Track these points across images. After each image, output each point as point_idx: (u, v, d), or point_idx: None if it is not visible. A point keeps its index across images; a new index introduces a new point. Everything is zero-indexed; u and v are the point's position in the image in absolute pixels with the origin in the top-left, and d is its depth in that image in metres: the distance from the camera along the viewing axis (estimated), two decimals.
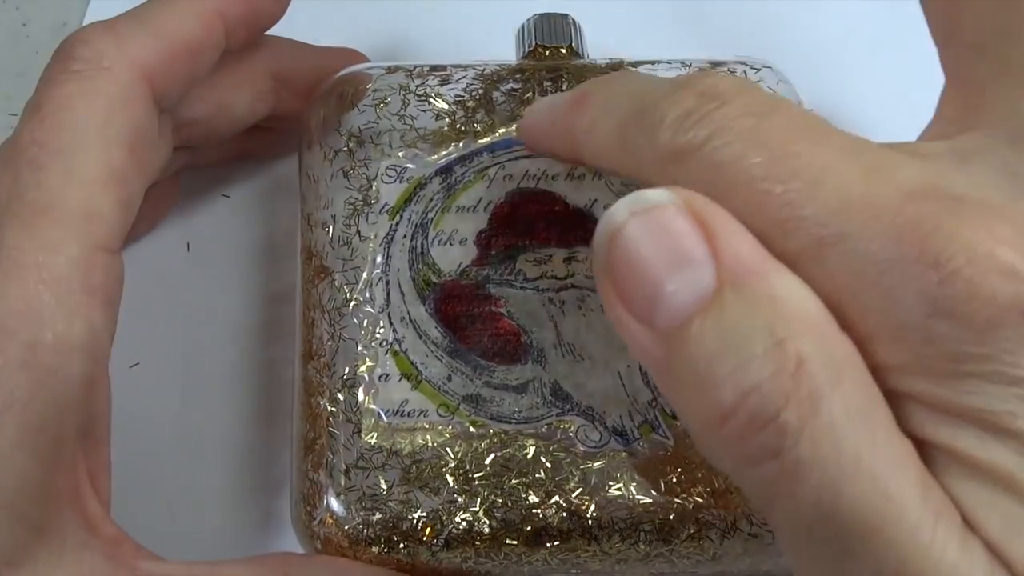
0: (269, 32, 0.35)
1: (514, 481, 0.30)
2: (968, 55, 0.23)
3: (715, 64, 0.36)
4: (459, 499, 0.30)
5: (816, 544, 0.20)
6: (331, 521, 0.30)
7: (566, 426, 0.31)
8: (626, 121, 0.25)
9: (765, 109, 0.23)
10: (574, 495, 0.30)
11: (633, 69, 0.28)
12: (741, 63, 0.36)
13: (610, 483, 0.30)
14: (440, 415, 0.31)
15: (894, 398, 0.21)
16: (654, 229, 0.21)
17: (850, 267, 0.21)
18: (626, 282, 0.22)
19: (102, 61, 0.29)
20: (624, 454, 0.30)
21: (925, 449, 0.21)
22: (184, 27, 0.31)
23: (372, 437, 0.31)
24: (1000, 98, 0.22)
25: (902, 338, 0.20)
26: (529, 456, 0.30)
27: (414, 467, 0.30)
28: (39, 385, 0.27)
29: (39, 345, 0.27)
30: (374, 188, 0.34)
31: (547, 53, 0.36)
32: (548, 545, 0.30)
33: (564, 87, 0.35)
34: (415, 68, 0.35)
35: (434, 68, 0.36)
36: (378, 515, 0.30)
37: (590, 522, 0.30)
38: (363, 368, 0.31)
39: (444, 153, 0.34)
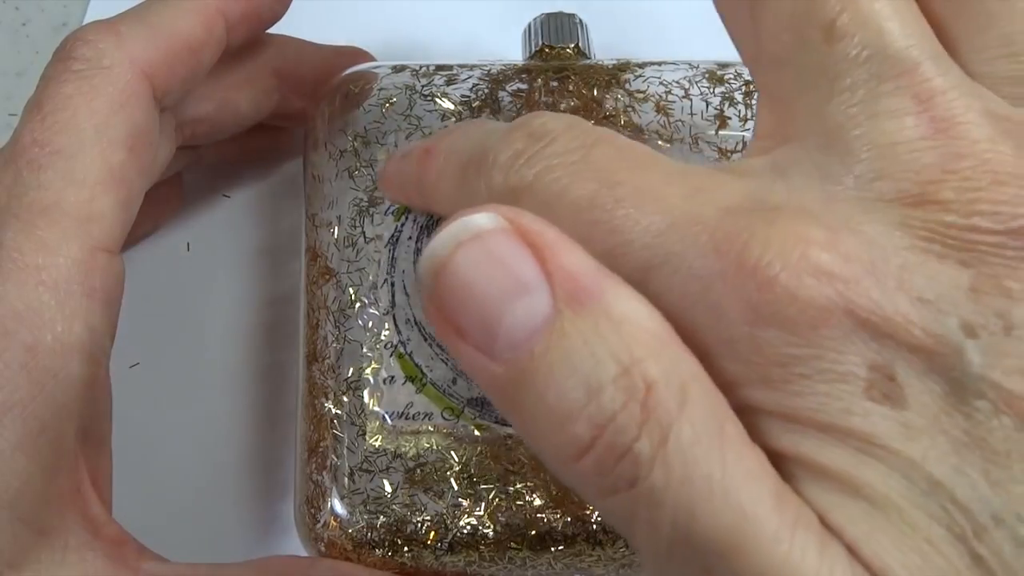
0: (274, 31, 0.35)
1: (519, 485, 0.30)
2: (773, 71, 0.23)
3: (722, 65, 0.35)
4: (463, 503, 0.30)
5: (678, 566, 0.20)
6: (335, 524, 0.30)
7: None
8: (465, 167, 0.26)
9: (590, 141, 0.23)
10: (579, 499, 0.30)
11: (476, 119, 0.29)
12: None
13: None
14: (445, 418, 0.31)
15: (743, 412, 0.21)
16: (483, 257, 0.20)
17: (677, 286, 0.21)
18: (460, 315, 0.21)
19: (102, 60, 0.29)
20: None
21: (778, 460, 0.20)
22: (185, 25, 0.31)
23: (376, 440, 0.30)
24: (806, 107, 0.22)
25: (734, 351, 0.20)
26: (534, 460, 0.30)
27: (418, 470, 0.30)
28: (39, 387, 0.27)
29: (39, 347, 0.27)
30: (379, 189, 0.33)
31: (553, 53, 0.36)
32: (552, 549, 0.30)
33: (571, 88, 0.35)
34: (421, 68, 0.35)
35: (440, 68, 0.35)
36: (382, 518, 0.30)
37: (595, 527, 0.30)
38: (368, 370, 0.31)
39: None
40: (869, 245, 0.20)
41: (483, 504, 0.30)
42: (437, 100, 0.34)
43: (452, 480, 0.30)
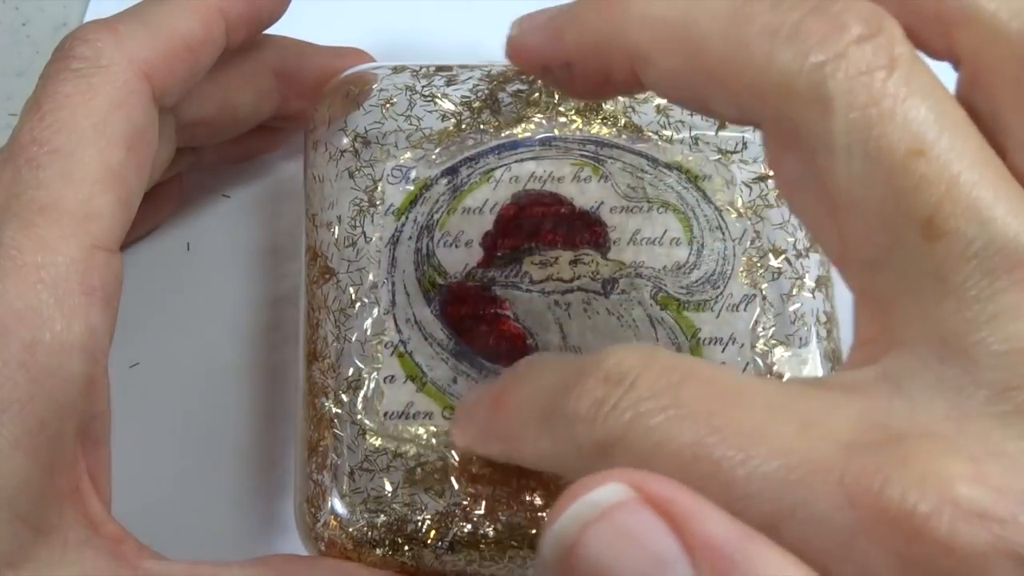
0: (274, 31, 0.35)
1: (519, 484, 0.30)
2: (868, 273, 0.22)
3: None
4: (464, 502, 0.30)
5: None
6: (335, 523, 0.30)
7: None
8: (543, 420, 0.23)
9: (676, 380, 0.21)
10: None
11: (540, 355, 0.27)
12: None
13: None
14: (446, 417, 0.31)
15: None
16: (615, 536, 0.18)
17: (814, 540, 0.19)
18: None
19: (101, 59, 0.29)
20: None
21: None
22: (184, 25, 0.31)
23: (377, 439, 0.30)
24: (913, 311, 0.21)
25: None
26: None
27: (419, 470, 0.30)
28: (38, 385, 0.26)
29: (38, 345, 0.27)
30: (379, 189, 0.33)
31: None
32: None
33: None
34: (421, 68, 0.35)
35: (440, 68, 0.35)
36: (382, 518, 0.30)
37: None
38: (368, 370, 0.31)
39: (450, 154, 0.34)
40: (1017, 470, 0.19)
41: (484, 503, 0.30)
42: (437, 101, 0.34)
43: (453, 479, 0.30)
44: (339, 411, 0.31)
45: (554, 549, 0.19)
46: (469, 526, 0.29)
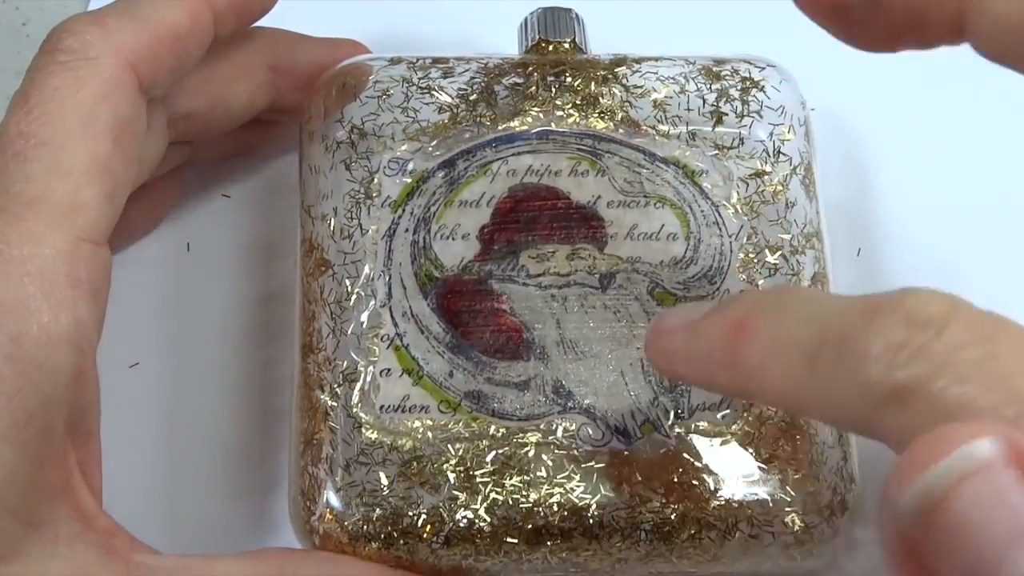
0: (267, 22, 0.35)
1: (515, 479, 0.30)
2: None
3: (719, 62, 0.36)
4: (460, 496, 0.29)
5: None
6: (330, 517, 0.30)
7: (568, 424, 0.31)
8: (815, 355, 0.22)
9: (988, 332, 0.20)
10: (575, 494, 0.30)
11: (793, 288, 0.25)
12: (745, 61, 0.36)
13: (611, 482, 0.30)
14: (441, 411, 0.31)
15: None
16: (990, 494, 0.17)
17: None
18: (948, 558, 0.18)
19: (88, 51, 0.29)
20: (626, 453, 0.30)
21: None
22: (171, 15, 0.31)
23: (372, 432, 0.30)
24: None
25: None
26: (530, 454, 0.30)
27: (415, 463, 0.30)
28: (25, 378, 0.26)
29: (24, 337, 0.27)
30: (376, 181, 0.33)
31: (550, 47, 0.36)
32: (548, 544, 0.30)
33: (567, 81, 0.35)
34: (417, 60, 0.35)
35: (436, 60, 0.35)
36: (378, 511, 0.29)
37: (591, 521, 0.30)
38: (364, 363, 0.31)
39: (446, 147, 0.34)
40: None
41: (479, 497, 0.29)
42: (433, 93, 0.34)
43: (448, 473, 0.30)
44: (334, 404, 0.31)
45: (922, 499, 0.18)
46: (464, 520, 0.29)
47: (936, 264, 0.37)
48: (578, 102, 0.34)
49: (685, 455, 0.30)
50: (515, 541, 0.29)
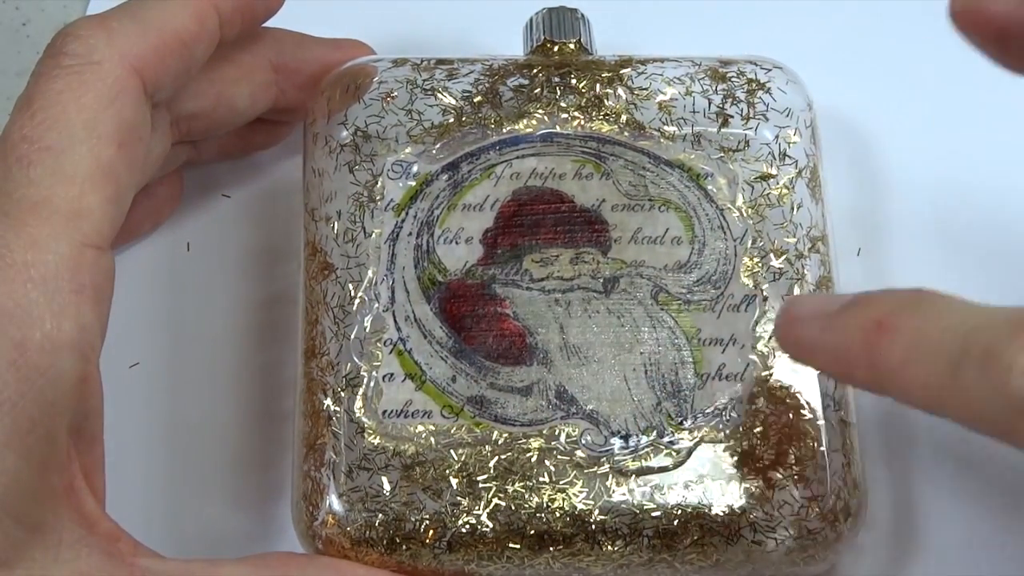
0: (272, 23, 0.34)
1: (518, 484, 0.30)
2: None
3: (725, 63, 0.35)
4: (462, 501, 0.29)
5: None
6: (333, 522, 0.30)
7: (571, 429, 0.31)
8: (958, 362, 0.23)
9: None
10: (578, 499, 0.30)
11: (935, 292, 0.25)
12: (751, 62, 0.35)
13: (614, 487, 0.30)
14: (444, 416, 0.31)
15: None
16: None
17: None
18: None
19: (93, 56, 0.29)
20: (629, 457, 0.30)
21: None
22: (176, 20, 0.31)
23: (375, 437, 0.30)
24: None
25: None
26: (533, 459, 0.30)
27: (417, 468, 0.30)
28: (28, 384, 0.26)
29: (28, 344, 0.27)
30: (379, 184, 0.33)
31: (555, 48, 0.36)
32: (551, 549, 0.30)
33: (572, 82, 0.34)
34: (422, 61, 0.35)
35: (441, 61, 0.35)
36: (380, 516, 0.29)
37: (593, 526, 0.30)
38: (367, 367, 0.31)
39: (450, 149, 0.34)
40: None
41: (482, 503, 0.30)
42: (438, 95, 0.34)
43: (451, 478, 0.30)
44: (337, 409, 0.31)
45: None
46: (467, 526, 0.29)
47: (938, 265, 0.37)
48: (583, 104, 0.34)
49: (688, 461, 0.30)
50: (517, 547, 0.29)
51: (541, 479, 0.30)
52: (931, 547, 0.33)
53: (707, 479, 0.30)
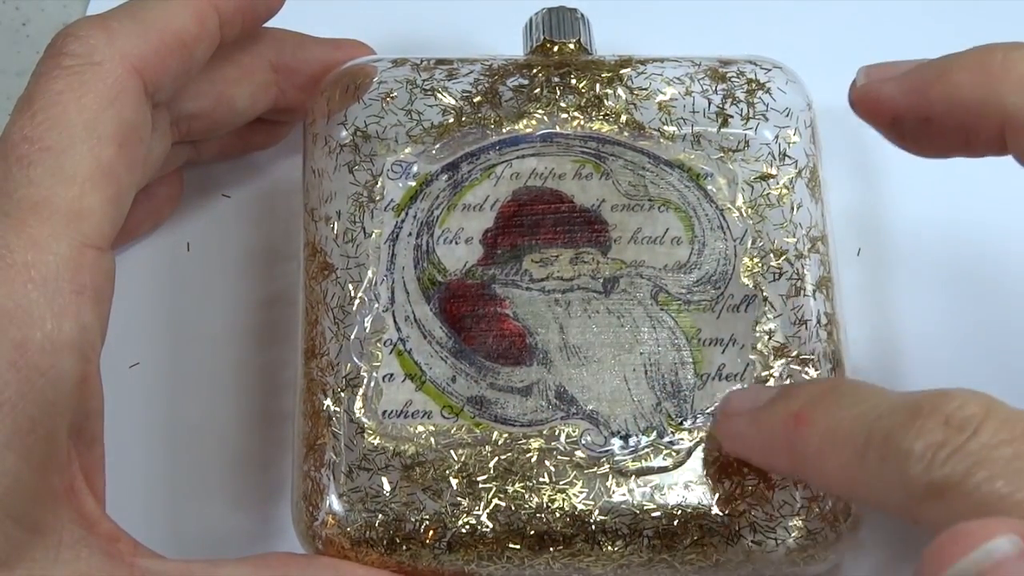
0: (272, 23, 0.34)
1: (518, 485, 0.30)
2: None
3: (724, 63, 0.35)
4: (463, 502, 0.29)
5: None
6: (333, 522, 0.30)
7: (571, 430, 0.30)
8: (863, 452, 0.24)
9: (1019, 432, 0.22)
10: (578, 499, 0.30)
11: (845, 380, 0.28)
12: (751, 62, 0.35)
13: (614, 488, 0.30)
14: (444, 416, 0.31)
15: None
16: None
17: None
18: None
19: (93, 56, 0.29)
20: (629, 457, 0.30)
21: None
22: (177, 20, 0.31)
23: (375, 438, 0.30)
24: None
25: None
26: (533, 460, 0.30)
27: (417, 469, 0.30)
28: (29, 385, 0.26)
29: (28, 344, 0.27)
30: (379, 184, 0.33)
31: (555, 48, 0.36)
32: (551, 549, 0.30)
33: (572, 82, 0.34)
34: (421, 61, 0.35)
35: (440, 61, 0.35)
36: (380, 517, 0.29)
37: (593, 527, 0.30)
38: (367, 368, 0.31)
39: (450, 149, 0.34)
40: None
41: (482, 503, 0.30)
42: (438, 95, 0.34)
43: (451, 479, 0.30)
44: (337, 409, 0.31)
45: None
46: (467, 526, 0.29)
47: (937, 265, 0.37)
48: (583, 104, 0.34)
49: (688, 461, 0.30)
50: (517, 547, 0.29)
51: (541, 479, 0.30)
52: None
53: (707, 479, 0.30)
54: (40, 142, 0.28)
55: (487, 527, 0.29)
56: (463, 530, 0.29)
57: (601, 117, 0.34)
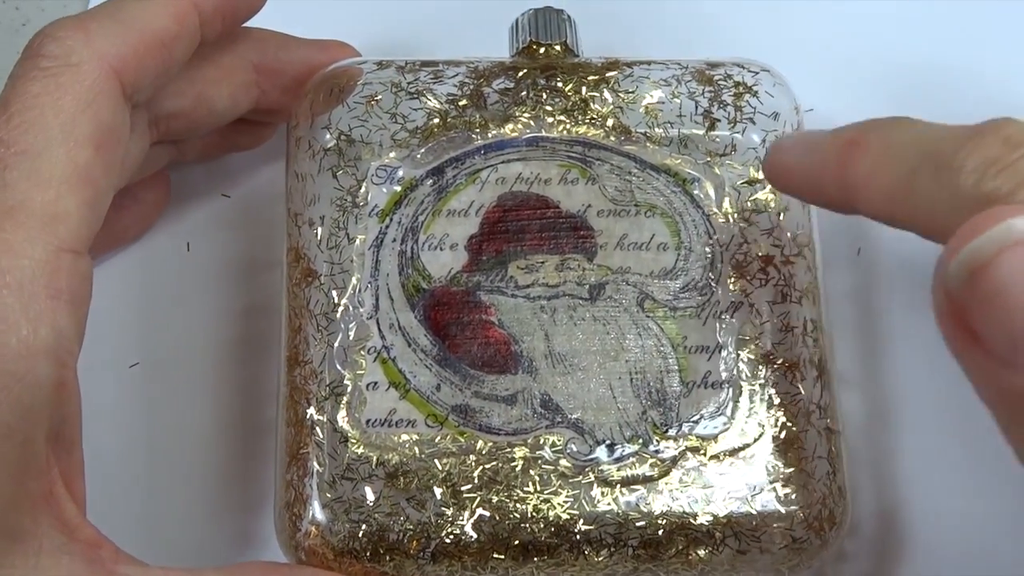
0: (253, 23, 0.34)
1: (502, 494, 0.30)
2: None
3: (712, 65, 0.35)
4: (447, 511, 0.29)
5: None
6: (316, 532, 0.29)
7: (555, 439, 0.30)
8: (917, 168, 0.25)
9: None
10: (562, 509, 0.30)
11: (904, 117, 0.28)
12: (738, 65, 0.35)
13: (599, 497, 0.30)
14: (428, 425, 0.30)
15: None
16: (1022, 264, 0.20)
17: None
18: (985, 321, 0.21)
19: (71, 58, 0.29)
20: (614, 466, 0.30)
21: None
22: (156, 20, 0.30)
23: (359, 447, 0.30)
24: None
25: None
26: (518, 469, 0.30)
27: (401, 478, 0.30)
28: (4, 391, 0.26)
29: (3, 350, 0.26)
30: (363, 189, 0.33)
31: (541, 50, 0.35)
32: (536, 559, 0.29)
33: (558, 84, 0.34)
34: (406, 64, 0.35)
35: (425, 63, 0.35)
36: (364, 527, 0.29)
37: (578, 536, 0.29)
38: (350, 376, 0.31)
39: (435, 154, 0.33)
40: None
41: (466, 513, 0.29)
42: (423, 98, 0.34)
43: (435, 488, 0.30)
44: (321, 417, 0.30)
45: (967, 264, 0.21)
46: (451, 536, 0.29)
47: (930, 269, 0.37)
48: (568, 107, 0.34)
49: (673, 470, 0.30)
50: (502, 557, 0.29)
51: (526, 489, 0.30)
52: (915, 554, 0.33)
53: (692, 488, 0.30)
54: (16, 145, 0.28)
55: (471, 537, 0.29)
56: (447, 540, 0.29)
57: (587, 121, 0.34)
